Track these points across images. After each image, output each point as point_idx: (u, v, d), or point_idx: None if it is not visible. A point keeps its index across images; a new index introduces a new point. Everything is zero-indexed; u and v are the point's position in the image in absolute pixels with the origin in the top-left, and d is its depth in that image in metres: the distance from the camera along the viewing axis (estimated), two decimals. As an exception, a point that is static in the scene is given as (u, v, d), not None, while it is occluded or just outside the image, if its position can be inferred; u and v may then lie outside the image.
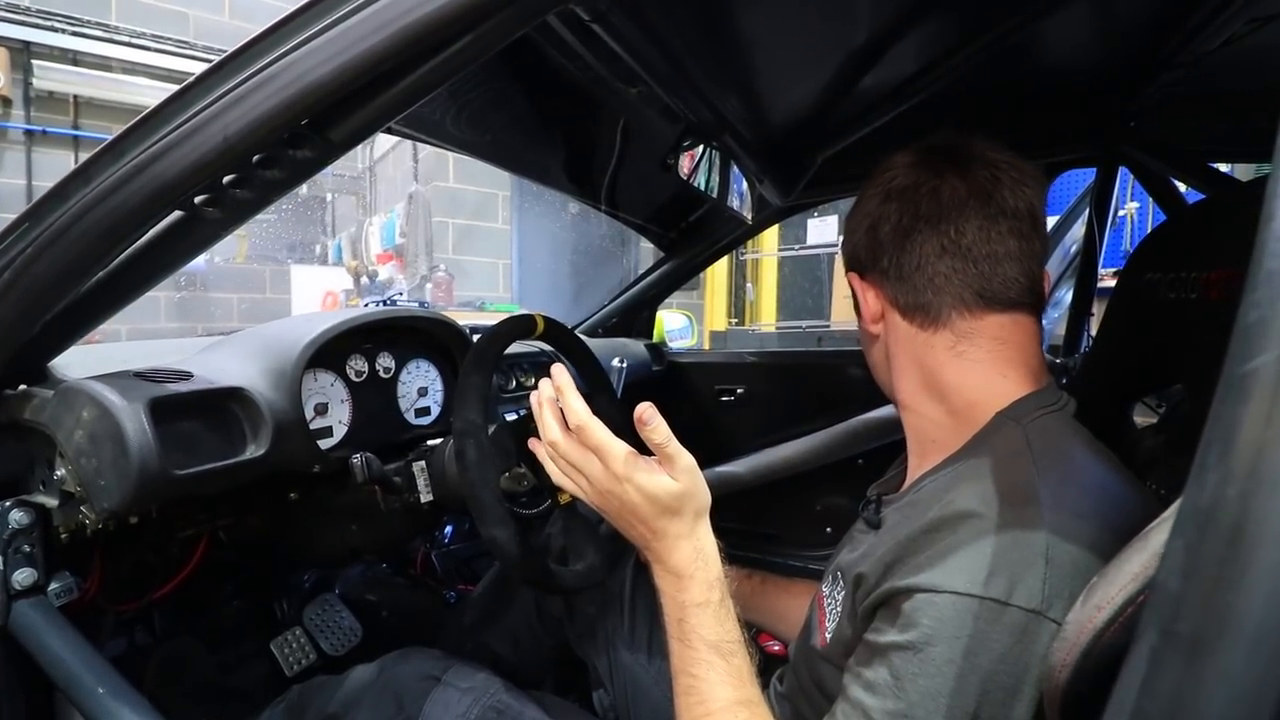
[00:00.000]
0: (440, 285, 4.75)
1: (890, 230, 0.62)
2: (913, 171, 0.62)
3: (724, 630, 0.59)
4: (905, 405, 0.66)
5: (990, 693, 0.45)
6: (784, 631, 0.93)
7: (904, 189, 0.62)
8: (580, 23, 0.67)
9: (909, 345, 0.63)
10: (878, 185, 0.64)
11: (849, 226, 0.69)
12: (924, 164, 0.62)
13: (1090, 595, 0.36)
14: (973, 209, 0.59)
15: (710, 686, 0.57)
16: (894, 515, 0.59)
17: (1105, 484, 0.52)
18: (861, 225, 0.65)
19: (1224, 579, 0.22)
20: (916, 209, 0.60)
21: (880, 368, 0.69)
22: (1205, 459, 0.23)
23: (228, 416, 0.76)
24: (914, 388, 0.64)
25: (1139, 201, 3.49)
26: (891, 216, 0.62)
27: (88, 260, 0.59)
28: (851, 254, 0.68)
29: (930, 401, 0.62)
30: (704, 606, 0.59)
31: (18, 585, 0.68)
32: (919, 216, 0.60)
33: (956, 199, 0.59)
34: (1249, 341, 0.23)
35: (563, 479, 0.65)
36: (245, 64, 0.52)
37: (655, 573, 0.62)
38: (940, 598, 0.47)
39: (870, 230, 0.64)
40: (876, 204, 0.64)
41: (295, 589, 1.18)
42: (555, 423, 0.64)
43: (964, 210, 0.59)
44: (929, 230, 0.60)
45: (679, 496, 0.61)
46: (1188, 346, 0.71)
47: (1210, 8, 0.76)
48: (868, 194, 0.65)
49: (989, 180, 0.59)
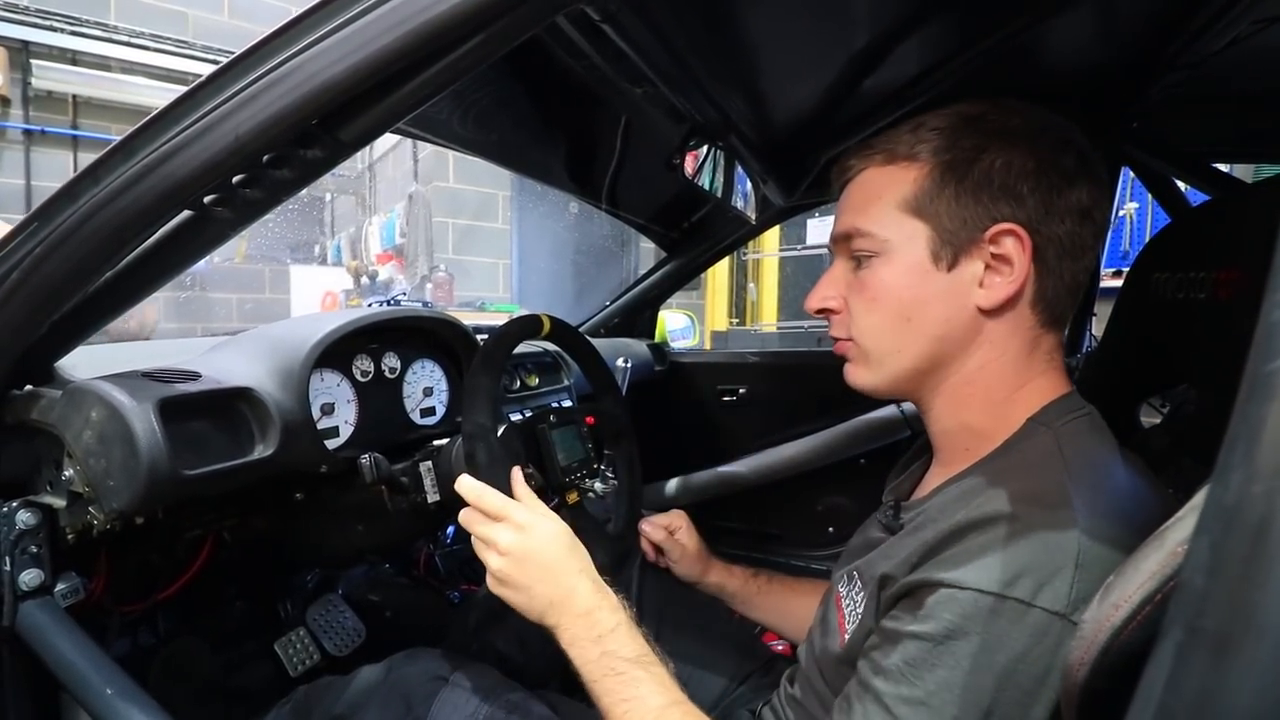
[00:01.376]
0: (440, 285, 4.75)
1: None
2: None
3: (638, 645, 0.63)
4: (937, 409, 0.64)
5: (1007, 691, 0.45)
6: (789, 630, 0.93)
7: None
8: (589, 23, 0.67)
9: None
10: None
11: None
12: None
13: (1108, 594, 0.36)
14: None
15: (643, 700, 0.59)
16: (916, 519, 0.59)
17: (1135, 489, 0.52)
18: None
19: (1249, 576, 0.22)
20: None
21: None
22: (1230, 457, 0.23)
23: (236, 417, 0.76)
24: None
25: (1138, 202, 3.50)
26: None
27: (97, 260, 0.59)
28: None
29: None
30: (617, 629, 0.63)
31: (24, 586, 0.68)
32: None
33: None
34: (1273, 340, 0.23)
35: (479, 554, 0.69)
36: (256, 64, 0.52)
37: (563, 634, 0.64)
38: (964, 594, 0.47)
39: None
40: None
41: (299, 589, 1.18)
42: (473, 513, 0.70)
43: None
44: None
45: (567, 532, 0.68)
46: (1195, 346, 0.71)
47: (1214, 9, 0.76)
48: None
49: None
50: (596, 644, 0.62)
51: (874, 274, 0.61)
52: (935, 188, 0.58)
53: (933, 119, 0.60)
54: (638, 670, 0.61)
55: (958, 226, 0.57)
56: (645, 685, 0.60)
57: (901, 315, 0.60)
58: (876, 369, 0.63)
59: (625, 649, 0.62)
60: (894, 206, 0.59)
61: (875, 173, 0.62)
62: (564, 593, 0.65)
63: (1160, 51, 0.88)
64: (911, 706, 0.47)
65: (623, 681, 0.60)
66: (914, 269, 0.59)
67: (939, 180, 0.57)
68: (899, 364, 0.61)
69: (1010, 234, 0.56)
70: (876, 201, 0.60)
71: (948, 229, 0.57)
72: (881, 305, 0.61)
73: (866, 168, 0.63)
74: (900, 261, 0.59)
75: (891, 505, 0.65)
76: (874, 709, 0.49)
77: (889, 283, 0.60)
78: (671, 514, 1.01)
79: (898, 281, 0.59)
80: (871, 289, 0.61)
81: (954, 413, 0.62)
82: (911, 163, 0.59)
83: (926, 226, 0.58)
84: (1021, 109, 0.59)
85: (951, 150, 0.58)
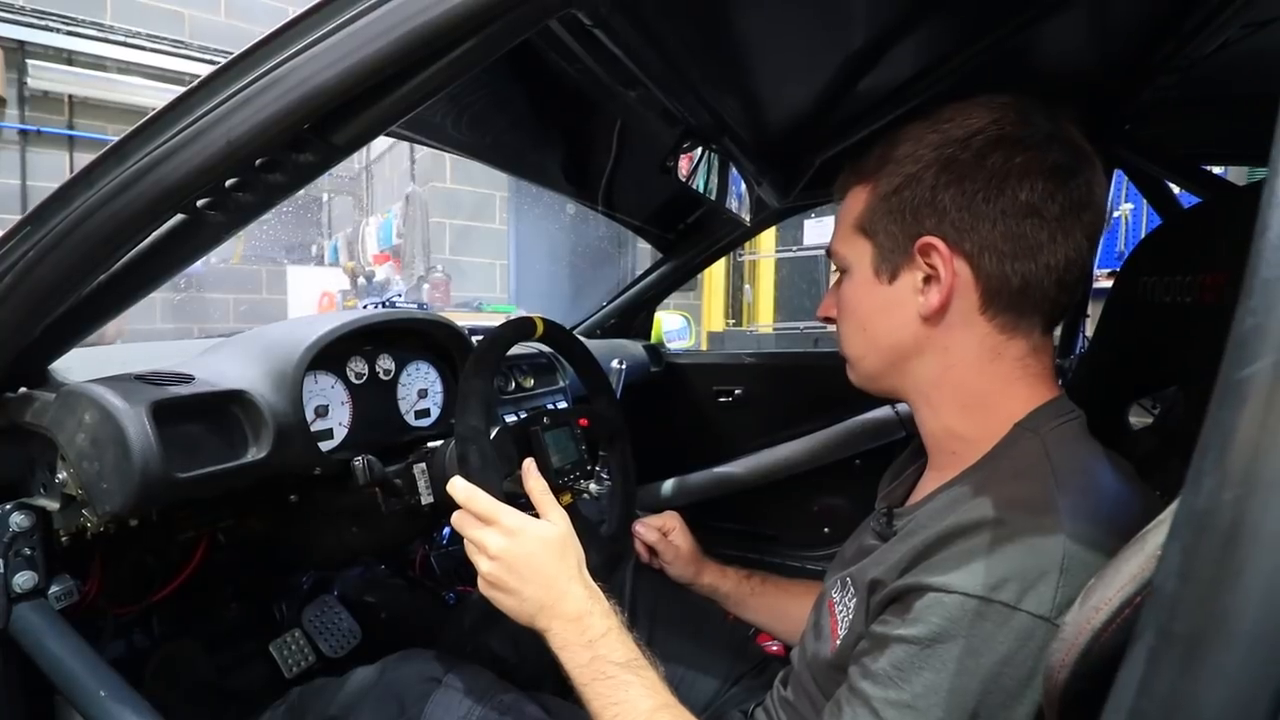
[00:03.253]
0: (437, 286, 4.74)
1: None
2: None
3: (628, 649, 0.64)
4: (919, 411, 0.66)
5: (992, 694, 0.46)
6: (783, 632, 0.93)
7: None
8: (581, 27, 0.68)
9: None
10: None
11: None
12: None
13: (1088, 596, 0.36)
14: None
15: (633, 704, 0.60)
16: (908, 526, 0.60)
17: (1121, 494, 0.53)
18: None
19: (1220, 581, 0.22)
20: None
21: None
22: (1202, 463, 0.24)
23: (229, 419, 0.76)
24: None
25: (1133, 203, 3.51)
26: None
27: (90, 263, 0.59)
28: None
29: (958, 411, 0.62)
30: (608, 634, 0.64)
31: (18, 588, 0.68)
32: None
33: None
34: (1245, 348, 0.23)
35: (470, 557, 0.69)
36: (249, 68, 0.52)
37: (554, 638, 0.65)
38: (950, 598, 0.48)
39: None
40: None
41: (294, 591, 1.18)
42: (465, 516, 0.70)
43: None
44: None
45: (563, 538, 0.69)
46: (1183, 349, 0.71)
47: (1205, 13, 0.76)
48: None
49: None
50: (587, 649, 0.63)
51: (843, 288, 0.67)
52: (874, 207, 0.62)
53: (902, 135, 0.62)
54: (627, 674, 0.61)
55: (892, 243, 0.61)
56: (635, 689, 0.60)
57: (859, 325, 0.66)
58: (854, 371, 0.70)
59: (615, 654, 0.62)
60: (850, 226, 0.65)
61: (851, 193, 0.66)
62: (554, 597, 0.65)
63: (1152, 55, 0.89)
64: (898, 709, 0.48)
65: (612, 685, 0.61)
66: (864, 283, 0.64)
67: (879, 199, 0.62)
68: (866, 367, 0.67)
69: (932, 247, 0.58)
70: (842, 222, 0.66)
71: (885, 245, 0.61)
72: (846, 316, 0.67)
73: (850, 187, 0.67)
74: (856, 276, 0.65)
75: (885, 512, 0.66)
76: (863, 712, 0.50)
77: (848, 296, 0.66)
78: (665, 515, 1.01)
79: (854, 294, 0.65)
80: (841, 301, 0.68)
81: (933, 415, 0.64)
82: (864, 184, 0.64)
83: (870, 244, 0.63)
84: (972, 111, 0.59)
85: (889, 169, 0.61)
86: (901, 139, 0.61)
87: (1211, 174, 1.21)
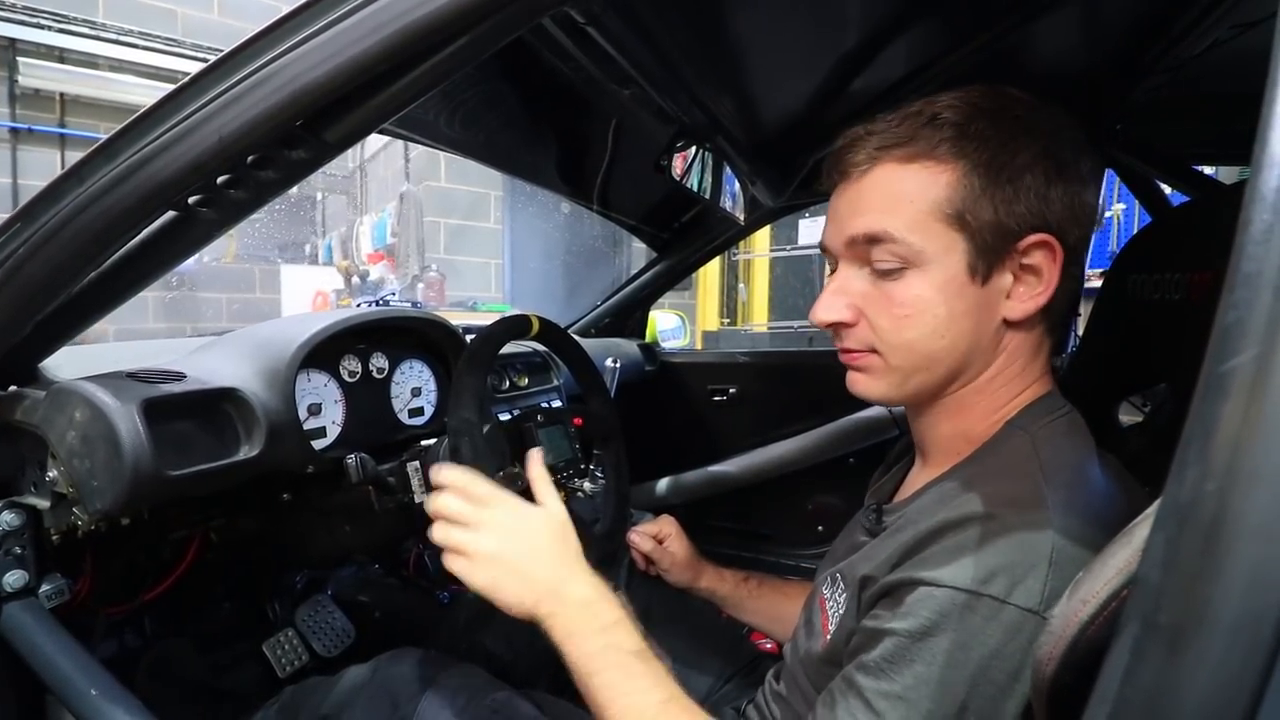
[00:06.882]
0: (432, 285, 4.73)
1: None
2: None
3: (637, 638, 0.60)
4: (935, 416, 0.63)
5: (981, 686, 0.46)
6: (780, 633, 0.93)
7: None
8: (574, 24, 0.68)
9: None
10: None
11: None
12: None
13: (1076, 589, 0.37)
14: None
15: (646, 693, 0.57)
16: (897, 521, 0.60)
17: (1109, 489, 0.53)
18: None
19: (1203, 572, 0.23)
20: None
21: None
22: (1185, 456, 0.24)
23: (221, 417, 0.75)
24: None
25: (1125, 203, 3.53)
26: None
27: (81, 261, 0.59)
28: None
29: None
30: (620, 622, 0.61)
31: (9, 587, 0.67)
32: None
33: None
34: (1227, 341, 0.24)
35: (458, 542, 0.63)
36: (240, 65, 0.52)
37: (560, 625, 0.60)
38: (940, 591, 0.48)
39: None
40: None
41: (287, 590, 1.18)
42: (450, 497, 0.66)
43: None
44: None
45: (566, 524, 0.67)
46: (1173, 347, 0.72)
47: (1194, 13, 0.77)
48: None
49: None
50: (599, 635, 0.59)
51: (906, 287, 0.55)
52: (972, 195, 0.52)
53: (945, 110, 0.54)
54: (640, 664, 0.59)
55: (995, 239, 0.53)
56: (648, 679, 0.58)
57: (937, 332, 0.55)
58: (901, 384, 0.59)
59: (628, 642, 0.60)
60: (927, 213, 0.53)
61: (895, 171, 0.55)
62: (562, 580, 0.62)
63: (1142, 55, 0.89)
64: (890, 701, 0.48)
65: (624, 675, 0.58)
66: (951, 283, 0.54)
67: (977, 187, 0.52)
68: (927, 379, 0.58)
69: (1043, 245, 0.53)
70: (906, 205, 0.54)
71: (986, 241, 0.53)
72: (916, 321, 0.55)
73: (881, 163, 0.56)
74: (938, 274, 0.54)
75: (874, 508, 0.66)
76: (856, 703, 0.50)
77: (927, 297, 0.54)
78: (660, 521, 1.01)
79: (935, 296, 0.54)
80: (903, 303, 0.55)
81: (954, 421, 0.60)
82: (939, 163, 0.53)
83: (963, 238, 0.53)
84: (1034, 103, 0.55)
85: (982, 150, 0.53)
86: (961, 116, 0.53)
87: (1202, 174, 1.22)
